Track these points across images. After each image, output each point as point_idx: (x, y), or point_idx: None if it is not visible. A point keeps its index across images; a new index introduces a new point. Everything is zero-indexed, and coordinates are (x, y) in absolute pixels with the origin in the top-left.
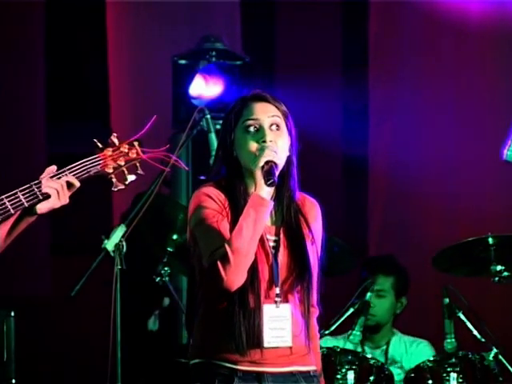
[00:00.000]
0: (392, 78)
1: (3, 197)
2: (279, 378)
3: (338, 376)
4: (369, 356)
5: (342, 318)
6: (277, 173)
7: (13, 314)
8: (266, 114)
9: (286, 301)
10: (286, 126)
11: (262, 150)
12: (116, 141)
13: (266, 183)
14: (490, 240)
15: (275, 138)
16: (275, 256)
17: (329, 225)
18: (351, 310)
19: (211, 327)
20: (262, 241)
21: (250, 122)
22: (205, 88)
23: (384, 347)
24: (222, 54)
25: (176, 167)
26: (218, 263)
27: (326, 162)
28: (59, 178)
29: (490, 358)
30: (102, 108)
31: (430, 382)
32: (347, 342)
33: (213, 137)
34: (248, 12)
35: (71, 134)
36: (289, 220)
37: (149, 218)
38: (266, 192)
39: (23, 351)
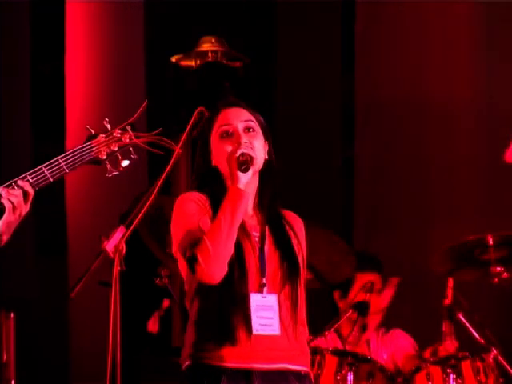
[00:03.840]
0: (377, 77)
1: None
2: (269, 375)
3: (338, 377)
4: (369, 357)
5: (341, 319)
6: (252, 167)
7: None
8: (239, 118)
9: (273, 292)
10: (262, 132)
11: (237, 146)
12: (108, 126)
13: (240, 169)
14: (490, 240)
15: (250, 139)
16: (261, 248)
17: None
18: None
19: (199, 326)
20: (248, 235)
21: (224, 127)
22: None
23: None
24: (221, 55)
25: (176, 168)
26: (198, 255)
27: (325, 162)
28: (13, 187)
29: (490, 359)
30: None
31: (430, 383)
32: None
33: None
34: (248, 12)
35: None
36: (272, 220)
37: (148, 219)
38: (241, 183)
39: (22, 352)
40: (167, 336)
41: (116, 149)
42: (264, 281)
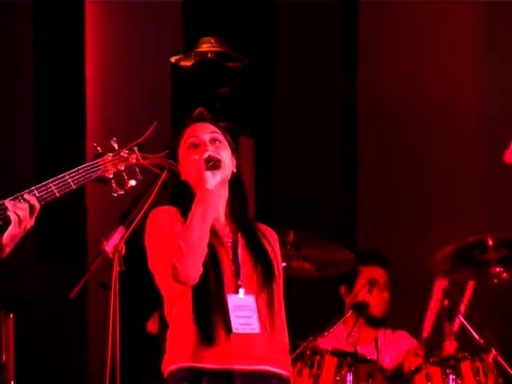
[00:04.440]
0: (379, 77)
1: None
2: (250, 376)
3: (337, 378)
4: (368, 357)
5: (341, 320)
6: (220, 170)
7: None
8: (205, 130)
9: (250, 293)
10: (229, 146)
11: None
12: (116, 146)
13: (207, 167)
14: (489, 241)
15: (217, 150)
16: (235, 251)
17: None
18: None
19: (179, 330)
20: (220, 241)
21: (191, 139)
22: None
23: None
24: (221, 55)
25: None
26: (175, 258)
27: (325, 162)
28: (19, 201)
29: (489, 359)
30: (101, 110)
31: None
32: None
33: None
34: (248, 12)
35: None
36: (244, 228)
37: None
38: (209, 183)
39: (22, 353)
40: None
41: (122, 168)
42: (239, 282)
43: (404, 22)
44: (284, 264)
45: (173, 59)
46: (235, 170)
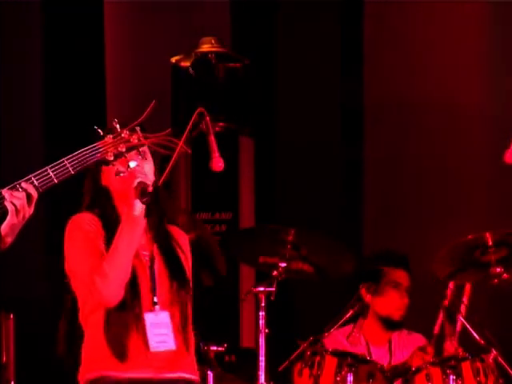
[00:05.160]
0: (384, 77)
1: None
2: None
3: (338, 378)
4: (368, 358)
5: (341, 320)
6: (148, 198)
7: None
8: None
9: (165, 309)
10: (152, 154)
11: (132, 174)
12: (118, 126)
13: (141, 201)
14: (489, 241)
15: (141, 163)
16: (151, 267)
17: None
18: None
19: (94, 343)
20: (138, 256)
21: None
22: None
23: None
24: (221, 56)
25: (175, 168)
26: (97, 279)
27: (325, 162)
28: (17, 189)
29: (490, 360)
30: (100, 111)
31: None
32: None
33: (212, 139)
34: (248, 12)
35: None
36: (160, 239)
37: None
38: (138, 210)
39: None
40: None
41: (124, 150)
42: (155, 299)
43: (408, 23)
44: (284, 264)
45: (173, 59)
46: (155, 178)
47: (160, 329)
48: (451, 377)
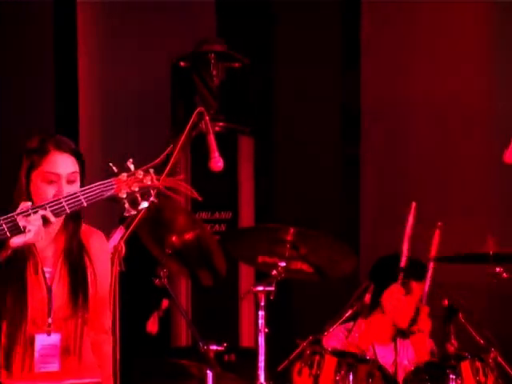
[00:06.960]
0: (382, 76)
1: None
2: None
3: (337, 378)
4: (368, 357)
5: (341, 320)
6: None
7: None
8: (66, 170)
9: (60, 329)
10: (80, 174)
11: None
12: (132, 166)
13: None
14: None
15: (70, 190)
16: (49, 287)
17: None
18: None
19: None
20: (37, 273)
21: (50, 175)
22: None
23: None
24: (221, 56)
25: (175, 169)
26: None
27: (325, 161)
28: (36, 212)
29: (490, 359)
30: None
31: None
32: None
33: (212, 139)
34: (248, 12)
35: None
36: (70, 251)
37: (148, 220)
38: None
39: None
40: (166, 336)
41: (136, 189)
42: (50, 321)
43: (408, 23)
44: (283, 264)
45: (173, 60)
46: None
47: (49, 350)
48: (451, 376)
